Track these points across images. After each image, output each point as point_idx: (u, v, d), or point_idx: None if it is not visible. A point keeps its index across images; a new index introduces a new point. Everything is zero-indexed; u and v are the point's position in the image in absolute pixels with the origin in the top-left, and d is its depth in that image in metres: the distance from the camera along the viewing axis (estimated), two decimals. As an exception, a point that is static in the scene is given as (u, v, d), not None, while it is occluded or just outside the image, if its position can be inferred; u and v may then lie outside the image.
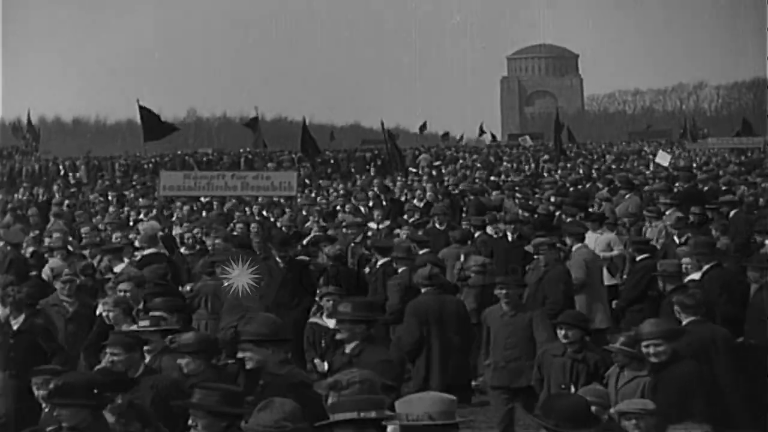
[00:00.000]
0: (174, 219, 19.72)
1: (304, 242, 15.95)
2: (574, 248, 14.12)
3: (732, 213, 17.36)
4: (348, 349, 8.88)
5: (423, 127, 61.37)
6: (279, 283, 13.56)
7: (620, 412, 7.73)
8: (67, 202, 24.40)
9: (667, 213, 17.39)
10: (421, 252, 14.51)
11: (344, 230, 16.77)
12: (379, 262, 14.22)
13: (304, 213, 20.10)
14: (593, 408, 7.15)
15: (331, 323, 11.34)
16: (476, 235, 16.43)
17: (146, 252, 15.35)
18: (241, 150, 55.70)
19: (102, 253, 14.52)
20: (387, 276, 13.74)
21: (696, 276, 12.36)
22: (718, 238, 16.15)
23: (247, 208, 21.63)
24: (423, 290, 12.06)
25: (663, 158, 33.34)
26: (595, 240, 15.45)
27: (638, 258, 14.15)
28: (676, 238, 15.68)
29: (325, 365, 10.93)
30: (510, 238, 15.78)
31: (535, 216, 18.12)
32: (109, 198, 23.46)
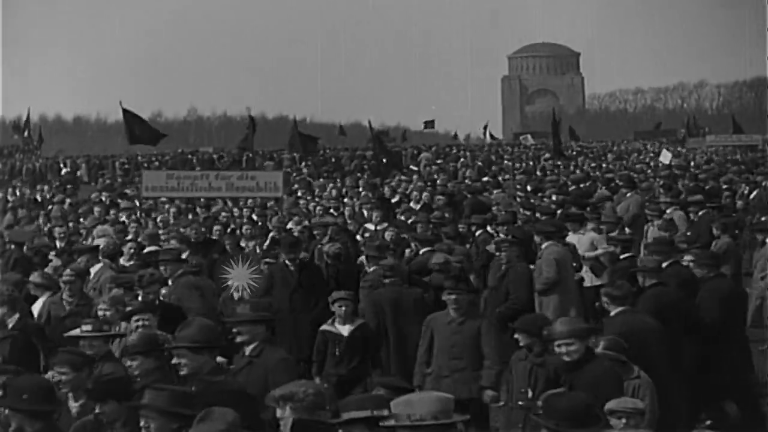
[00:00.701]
0: (158, 221, 18.90)
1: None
2: (543, 246, 14.12)
3: (701, 213, 17.39)
4: (248, 350, 8.73)
5: (431, 124, 61.24)
6: (292, 287, 13.07)
7: (609, 410, 7.72)
8: (69, 200, 24.42)
9: (668, 212, 17.40)
10: (422, 251, 14.48)
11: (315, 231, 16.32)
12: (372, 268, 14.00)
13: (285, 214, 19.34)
14: None
15: (345, 330, 11.15)
16: (477, 233, 16.38)
17: (147, 250, 15.39)
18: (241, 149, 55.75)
19: (78, 254, 14.32)
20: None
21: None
22: (719, 237, 16.16)
23: (236, 210, 21.07)
24: (385, 282, 12.23)
25: (665, 157, 33.35)
26: (577, 240, 15.31)
27: (622, 257, 14.16)
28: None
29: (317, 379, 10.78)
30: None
31: (536, 215, 18.06)
32: (102, 199, 23.19)
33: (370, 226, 17.50)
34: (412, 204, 20.69)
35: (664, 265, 12.12)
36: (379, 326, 11.79)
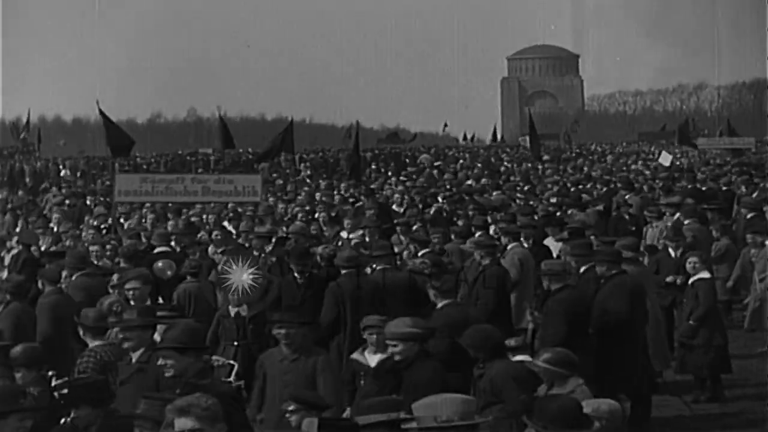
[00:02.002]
0: (126, 228, 18.36)
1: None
2: (509, 247, 14.20)
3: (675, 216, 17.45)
4: (135, 357, 8.70)
5: (446, 127, 61.03)
6: (299, 301, 12.72)
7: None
8: (68, 201, 24.42)
9: (667, 215, 17.40)
10: (420, 253, 14.48)
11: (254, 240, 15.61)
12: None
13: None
14: None
15: (373, 360, 9.88)
16: (477, 235, 16.31)
17: (158, 250, 15.41)
18: (241, 150, 55.75)
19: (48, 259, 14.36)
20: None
21: (705, 274, 12.71)
22: (718, 239, 16.17)
23: (210, 216, 19.87)
24: (343, 272, 12.49)
25: (665, 159, 33.10)
26: (557, 248, 15.20)
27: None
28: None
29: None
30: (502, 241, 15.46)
31: (536, 217, 18.06)
32: (88, 202, 22.92)
33: (344, 234, 17.13)
34: (395, 207, 20.19)
35: (582, 269, 12.33)
36: (338, 316, 12.00)
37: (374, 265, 13.22)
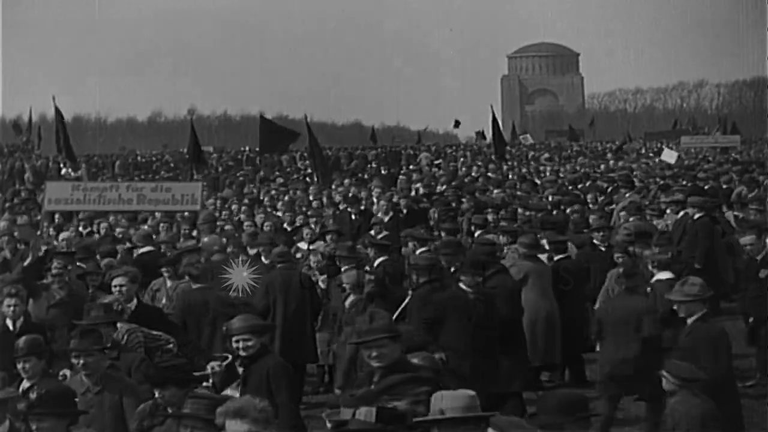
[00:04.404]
0: (60, 243, 17.07)
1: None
2: (506, 249, 14.32)
3: (680, 214, 17.34)
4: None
5: (458, 124, 60.92)
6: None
7: None
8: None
9: (668, 212, 17.39)
10: (419, 251, 14.43)
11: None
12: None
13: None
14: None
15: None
16: (477, 234, 16.29)
17: (142, 251, 15.42)
18: (242, 148, 55.81)
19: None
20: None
21: (665, 275, 12.54)
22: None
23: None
24: (278, 266, 13.31)
25: (670, 156, 32.68)
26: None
27: (555, 258, 14.06)
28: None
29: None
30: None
31: (537, 215, 18.02)
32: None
33: (303, 246, 16.67)
34: (380, 214, 19.17)
35: (452, 269, 12.37)
36: (267, 306, 12.78)
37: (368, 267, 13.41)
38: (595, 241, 14.96)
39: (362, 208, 20.10)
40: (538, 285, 13.25)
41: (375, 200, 21.45)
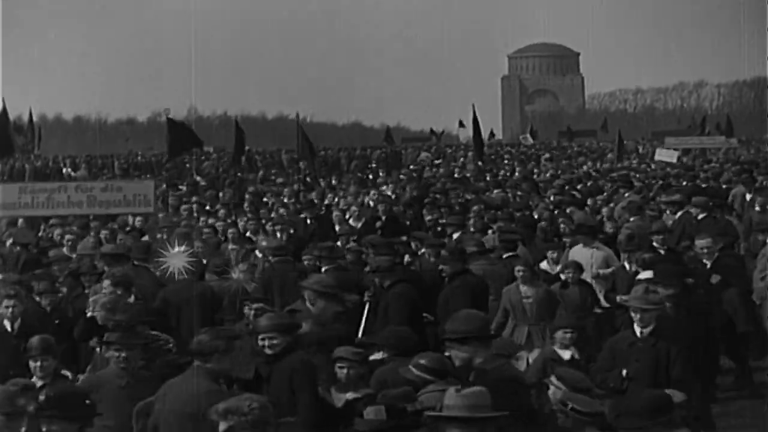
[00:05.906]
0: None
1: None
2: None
3: (679, 214, 17.27)
4: None
5: (462, 124, 61.00)
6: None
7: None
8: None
9: (668, 213, 17.37)
10: (420, 251, 14.41)
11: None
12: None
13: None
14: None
15: (340, 400, 8.74)
16: (454, 235, 15.80)
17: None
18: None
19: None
20: None
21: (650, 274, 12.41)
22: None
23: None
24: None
25: (670, 155, 32.51)
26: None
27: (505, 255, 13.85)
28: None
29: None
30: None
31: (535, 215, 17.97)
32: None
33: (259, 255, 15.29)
34: (351, 221, 18.50)
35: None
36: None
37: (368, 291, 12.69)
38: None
39: (319, 213, 19.31)
40: None
41: (346, 206, 20.49)
